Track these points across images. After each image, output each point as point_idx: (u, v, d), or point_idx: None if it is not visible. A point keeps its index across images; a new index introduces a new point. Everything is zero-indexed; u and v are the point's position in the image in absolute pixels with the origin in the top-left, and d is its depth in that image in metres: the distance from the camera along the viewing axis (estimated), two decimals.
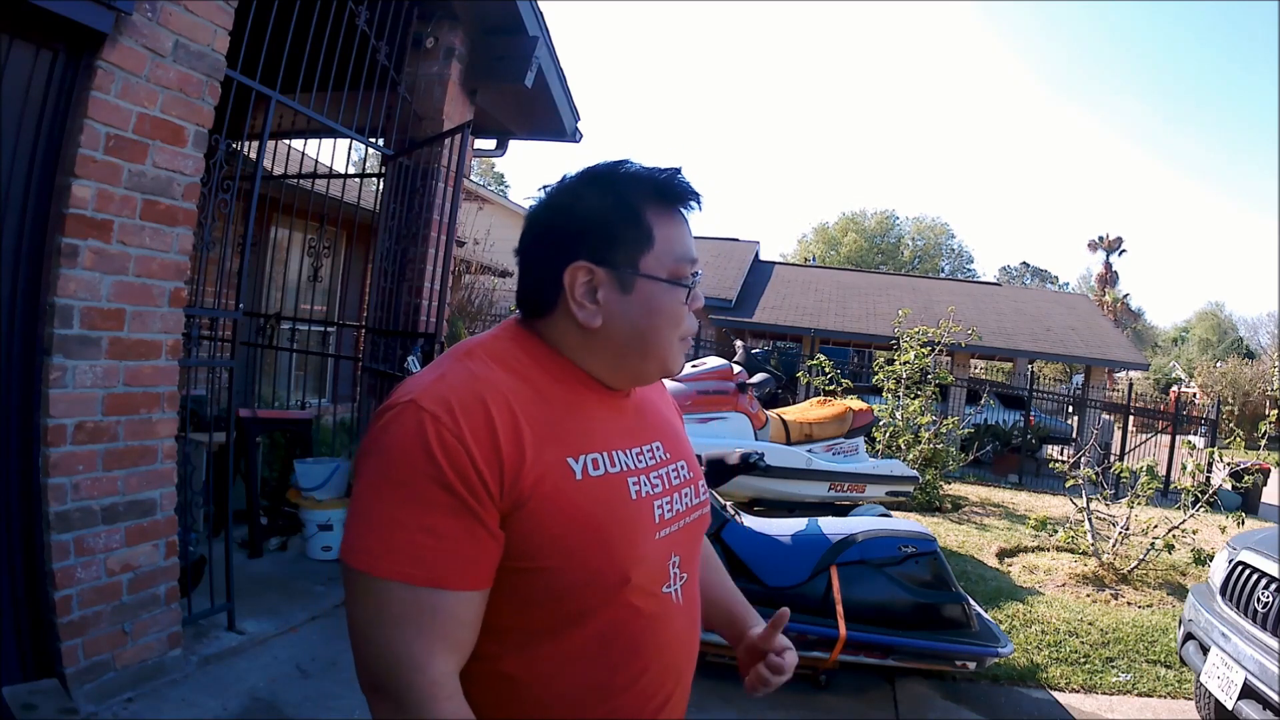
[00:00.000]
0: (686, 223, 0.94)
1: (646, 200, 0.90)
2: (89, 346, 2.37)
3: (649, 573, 0.88)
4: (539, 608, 0.83)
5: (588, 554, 0.82)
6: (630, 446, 0.92)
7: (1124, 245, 37.89)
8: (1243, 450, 9.10)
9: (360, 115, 3.84)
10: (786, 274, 19.38)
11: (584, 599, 0.83)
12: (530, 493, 0.79)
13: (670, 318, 0.91)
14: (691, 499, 0.98)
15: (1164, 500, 9.31)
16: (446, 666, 0.77)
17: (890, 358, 8.16)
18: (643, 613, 0.87)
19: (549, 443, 0.83)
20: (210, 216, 2.93)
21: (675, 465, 0.98)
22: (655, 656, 0.89)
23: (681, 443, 1.04)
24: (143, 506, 2.58)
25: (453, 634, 0.78)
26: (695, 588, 0.99)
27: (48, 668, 2.38)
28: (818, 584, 3.17)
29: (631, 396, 0.98)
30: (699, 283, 0.95)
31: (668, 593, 0.91)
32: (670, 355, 0.93)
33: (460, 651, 0.79)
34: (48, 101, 2.29)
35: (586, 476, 0.84)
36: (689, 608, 0.96)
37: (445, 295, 4.10)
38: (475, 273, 9.08)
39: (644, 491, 0.90)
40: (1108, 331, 16.76)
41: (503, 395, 0.82)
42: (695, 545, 1.00)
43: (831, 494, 5.30)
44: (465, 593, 0.78)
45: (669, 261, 0.90)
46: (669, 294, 0.90)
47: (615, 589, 0.84)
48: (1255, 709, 2.62)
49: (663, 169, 0.92)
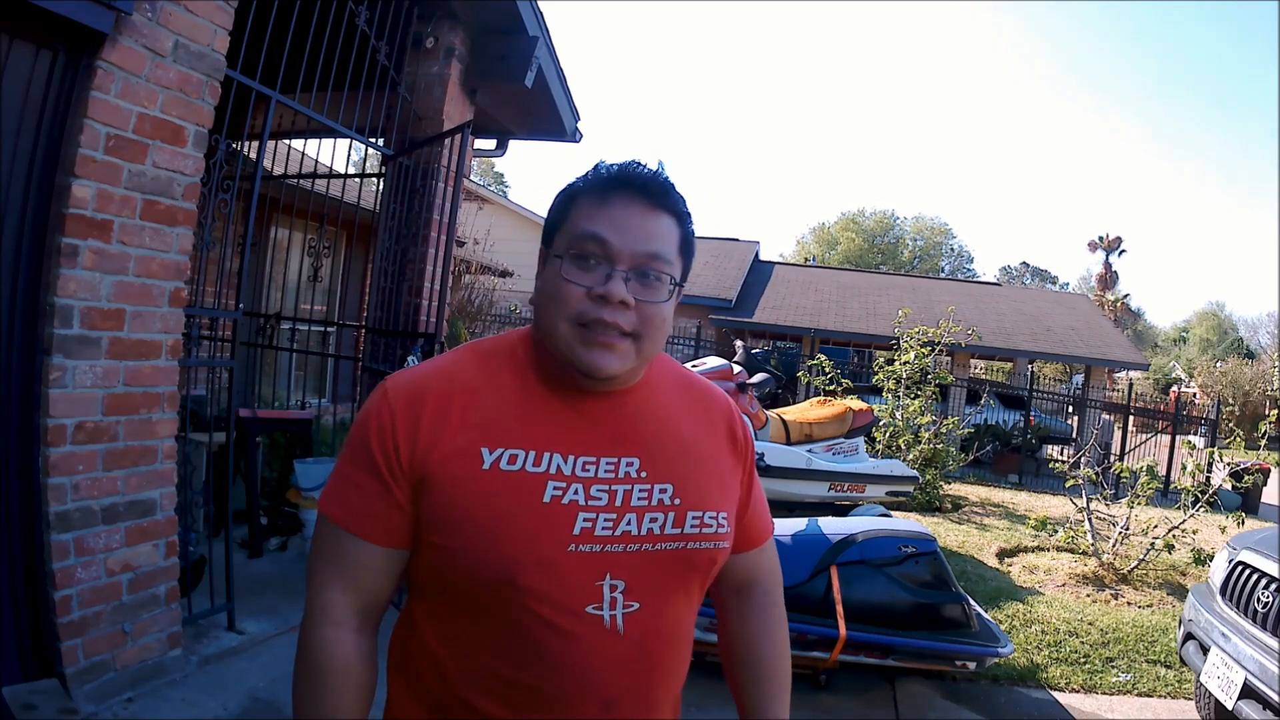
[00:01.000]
0: (621, 210, 0.87)
1: (587, 186, 0.90)
2: (89, 346, 2.37)
3: (553, 583, 0.84)
4: (450, 584, 0.88)
5: (475, 542, 0.84)
6: (582, 454, 0.88)
7: (1124, 245, 37.91)
8: (1243, 450, 9.10)
9: (360, 115, 3.84)
10: (786, 274, 19.38)
11: (475, 588, 0.85)
12: (436, 470, 0.86)
13: (553, 295, 0.87)
14: (664, 526, 0.89)
15: (1164, 500, 9.31)
16: (340, 598, 0.89)
17: (890, 358, 8.17)
18: (550, 624, 0.84)
19: (472, 430, 0.87)
20: (210, 216, 2.92)
21: (649, 486, 0.90)
22: (566, 674, 0.85)
23: (686, 467, 0.93)
24: (143, 506, 2.58)
25: (352, 575, 0.89)
26: (663, 625, 0.90)
27: (48, 668, 2.38)
28: (818, 584, 3.17)
29: (625, 408, 0.93)
30: (610, 270, 0.85)
31: (595, 614, 0.85)
32: (560, 339, 0.86)
33: (359, 594, 0.89)
34: (48, 101, 2.29)
35: (495, 468, 0.86)
36: (639, 641, 0.87)
37: (445, 295, 4.10)
38: (475, 273, 9.08)
39: (567, 499, 0.86)
40: (1108, 331, 16.75)
41: (449, 384, 0.90)
42: (667, 578, 0.90)
43: (831, 494, 5.30)
44: (366, 543, 0.88)
45: (568, 238, 0.88)
46: (554, 269, 0.88)
47: (501, 586, 0.83)
48: (1255, 709, 2.62)
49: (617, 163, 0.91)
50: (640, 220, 0.87)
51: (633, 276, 0.86)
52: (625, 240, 0.86)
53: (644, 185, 0.88)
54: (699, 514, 0.91)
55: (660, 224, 0.89)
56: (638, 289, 0.86)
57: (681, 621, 0.93)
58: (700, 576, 0.94)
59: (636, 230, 0.87)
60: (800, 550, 3.25)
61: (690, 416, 0.98)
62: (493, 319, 9.89)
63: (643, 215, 0.87)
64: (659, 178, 0.89)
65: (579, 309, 0.85)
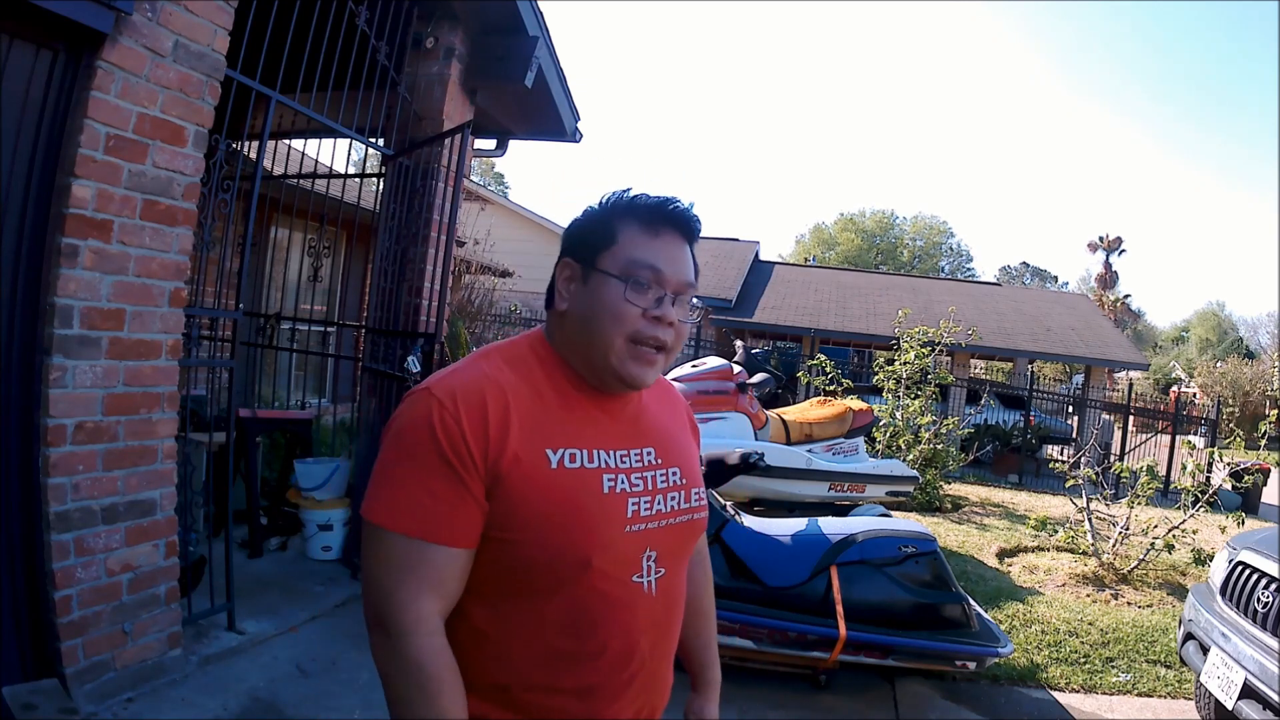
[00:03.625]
0: (668, 244, 1.01)
1: (624, 213, 1.02)
2: (89, 346, 2.37)
3: (615, 560, 0.97)
4: (511, 575, 0.95)
5: (551, 534, 0.94)
6: (616, 448, 1.02)
7: (1124, 245, 37.94)
8: (1243, 450, 9.11)
9: (360, 115, 3.84)
10: (786, 274, 19.37)
11: (548, 575, 0.95)
12: (508, 471, 0.93)
13: (611, 312, 0.98)
14: (679, 503, 1.06)
15: (1164, 500, 9.30)
16: (431, 607, 0.92)
17: (890, 358, 8.16)
18: (608, 596, 0.97)
19: (533, 433, 0.96)
20: (210, 216, 2.92)
21: (665, 471, 1.06)
22: (619, 636, 0.98)
23: (680, 452, 1.11)
24: (143, 506, 2.58)
25: (437, 581, 0.93)
26: (677, 584, 1.07)
27: (48, 668, 2.38)
28: (818, 584, 3.17)
29: (631, 405, 1.07)
30: (661, 295, 0.99)
31: (638, 582, 1.00)
32: (613, 352, 0.98)
33: (444, 598, 0.94)
34: (48, 101, 2.29)
35: (561, 467, 0.96)
36: (664, 600, 1.04)
37: (445, 295, 4.10)
38: (475, 273, 9.06)
39: (619, 488, 1.00)
40: (1108, 331, 16.75)
41: (500, 390, 0.97)
42: (681, 545, 1.07)
43: (831, 494, 5.29)
44: (450, 548, 0.93)
45: (622, 260, 0.99)
46: (613, 288, 0.98)
47: (577, 570, 0.95)
48: (1255, 709, 2.62)
49: (658, 197, 1.03)
50: (681, 253, 1.03)
51: (676, 301, 1.01)
52: (673, 270, 1.01)
53: (688, 225, 1.04)
54: (696, 490, 1.10)
55: (689, 255, 1.05)
56: (678, 311, 1.02)
57: (685, 580, 1.12)
58: (696, 540, 1.13)
59: (680, 262, 1.03)
60: (800, 550, 3.25)
61: (666, 410, 1.16)
62: (493, 319, 9.87)
63: (681, 248, 1.04)
64: (696, 221, 1.05)
65: (636, 327, 0.98)
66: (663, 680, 1.07)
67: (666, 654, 1.08)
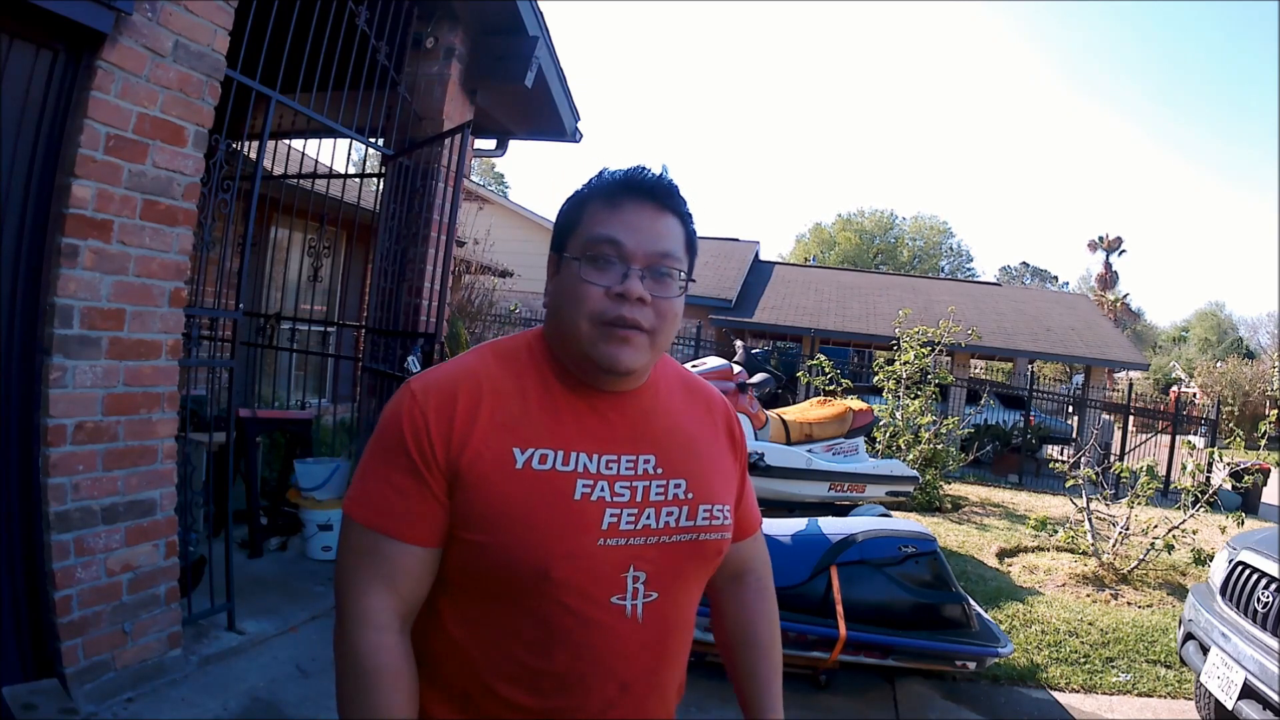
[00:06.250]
0: (632, 214, 0.91)
1: (595, 192, 0.95)
2: (89, 346, 2.37)
3: (583, 575, 0.89)
4: (476, 578, 0.91)
5: (509, 537, 0.88)
6: (604, 452, 0.93)
7: (1124, 245, 37.96)
8: (1243, 450, 9.11)
9: (360, 115, 3.84)
10: (786, 274, 19.37)
11: (507, 583, 0.89)
12: (467, 468, 0.88)
13: (571, 296, 0.91)
14: (680, 519, 0.95)
15: (1164, 500, 9.31)
16: (381, 603, 0.89)
17: (890, 358, 8.17)
18: (578, 615, 0.89)
19: (502, 430, 0.91)
20: (210, 216, 2.92)
21: (665, 481, 0.95)
22: (590, 661, 0.90)
23: (694, 462, 0.99)
24: (143, 506, 2.58)
25: (390, 576, 0.89)
26: (675, 613, 0.96)
27: (48, 668, 2.38)
28: (818, 584, 3.17)
29: (635, 405, 0.97)
30: (626, 270, 0.90)
31: (619, 605, 0.90)
32: (582, 338, 0.91)
33: (399, 596, 0.90)
34: (48, 101, 2.29)
35: (528, 468, 0.90)
36: (656, 629, 0.93)
37: (445, 295, 4.10)
38: (475, 273, 9.07)
39: (596, 496, 0.91)
40: (1108, 331, 16.75)
41: (477, 384, 0.93)
42: (680, 568, 0.95)
43: (831, 494, 5.30)
44: (408, 545, 0.89)
45: (582, 241, 0.92)
46: (571, 271, 0.92)
47: (534, 580, 0.88)
48: (1255, 709, 2.62)
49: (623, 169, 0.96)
50: (650, 222, 0.92)
51: (647, 275, 0.91)
52: (638, 241, 0.91)
53: (652, 189, 0.93)
54: (709, 507, 0.97)
55: (668, 224, 0.94)
56: (652, 286, 0.91)
57: (690, 609, 1.00)
58: (709, 565, 1.00)
59: (647, 231, 0.92)
60: (800, 550, 3.25)
61: (693, 414, 1.04)
62: (493, 319, 9.88)
63: (652, 217, 0.93)
64: (665, 181, 0.94)
65: (599, 308, 0.90)
66: (644, 707, 0.95)
67: (659, 688, 0.96)
